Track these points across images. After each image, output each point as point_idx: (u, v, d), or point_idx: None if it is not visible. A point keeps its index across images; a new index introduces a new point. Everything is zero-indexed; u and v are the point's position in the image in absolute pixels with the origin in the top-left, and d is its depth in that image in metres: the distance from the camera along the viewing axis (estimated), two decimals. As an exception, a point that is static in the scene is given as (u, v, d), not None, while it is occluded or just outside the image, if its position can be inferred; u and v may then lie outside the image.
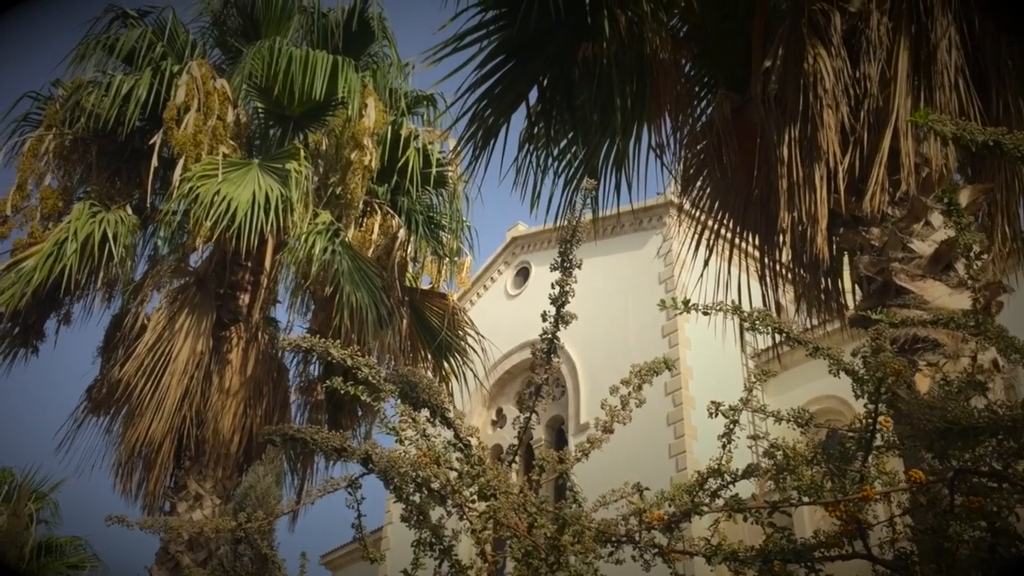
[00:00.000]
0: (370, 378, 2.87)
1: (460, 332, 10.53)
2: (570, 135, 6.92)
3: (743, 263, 6.57)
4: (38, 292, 8.81)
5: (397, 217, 10.07)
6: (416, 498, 2.53)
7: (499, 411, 26.41)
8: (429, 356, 10.59)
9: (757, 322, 2.78)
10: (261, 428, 9.33)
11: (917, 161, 4.35)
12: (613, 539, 2.81)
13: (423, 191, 10.40)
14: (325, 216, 9.39)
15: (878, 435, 2.63)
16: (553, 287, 2.78)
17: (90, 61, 9.74)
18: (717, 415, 2.84)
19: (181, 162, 8.90)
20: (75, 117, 10.09)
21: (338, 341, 3.27)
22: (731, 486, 3.07)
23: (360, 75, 10.10)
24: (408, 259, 10.06)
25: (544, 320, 2.75)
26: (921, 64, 4.53)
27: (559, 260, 2.74)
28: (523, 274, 27.33)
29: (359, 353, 2.95)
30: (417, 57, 5.65)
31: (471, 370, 10.41)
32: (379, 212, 10.04)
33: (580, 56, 6.30)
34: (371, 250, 9.74)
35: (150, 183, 8.95)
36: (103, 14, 10.40)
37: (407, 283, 10.21)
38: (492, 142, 6.12)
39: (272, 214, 8.72)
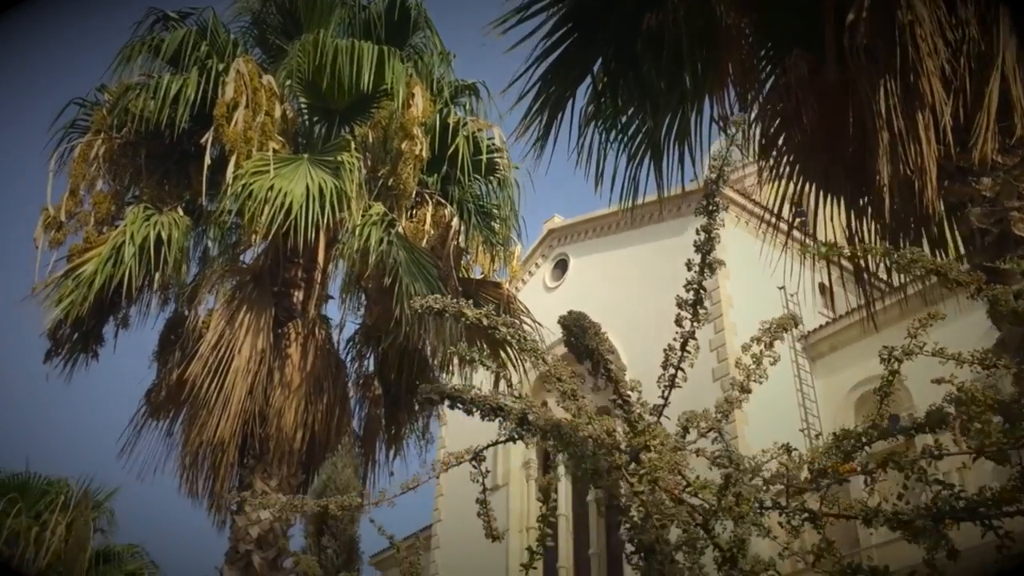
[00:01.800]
0: (508, 337, 2.71)
1: (516, 321, 10.39)
2: (633, 108, 6.78)
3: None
4: (99, 296, 8.79)
5: (449, 206, 9.95)
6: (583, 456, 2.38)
7: (543, 404, 26.18)
8: (485, 346, 10.45)
9: (912, 264, 2.60)
10: (325, 424, 9.27)
11: (1027, 105, 4.15)
12: (761, 505, 2.65)
13: (473, 179, 10.27)
14: (378, 207, 9.29)
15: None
16: (698, 232, 2.63)
17: (136, 63, 9.70)
18: (895, 360, 2.67)
19: (233, 159, 8.84)
20: (123, 121, 10.07)
21: (446, 294, 3.12)
22: (868, 447, 2.90)
23: (405, 65, 9.99)
24: (462, 249, 9.93)
25: (689, 269, 2.60)
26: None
27: (704, 203, 2.59)
28: (561, 266, 27.14)
29: (494, 313, 2.80)
30: (486, 29, 5.46)
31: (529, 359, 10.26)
32: (430, 202, 9.93)
33: (644, 27, 6.14)
34: (424, 240, 9.63)
35: (204, 181, 8.88)
36: (144, 17, 10.39)
37: (460, 273, 10.09)
38: (559, 116, 5.98)
39: (327, 206, 8.64)
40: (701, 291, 2.60)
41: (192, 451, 8.92)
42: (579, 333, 2.50)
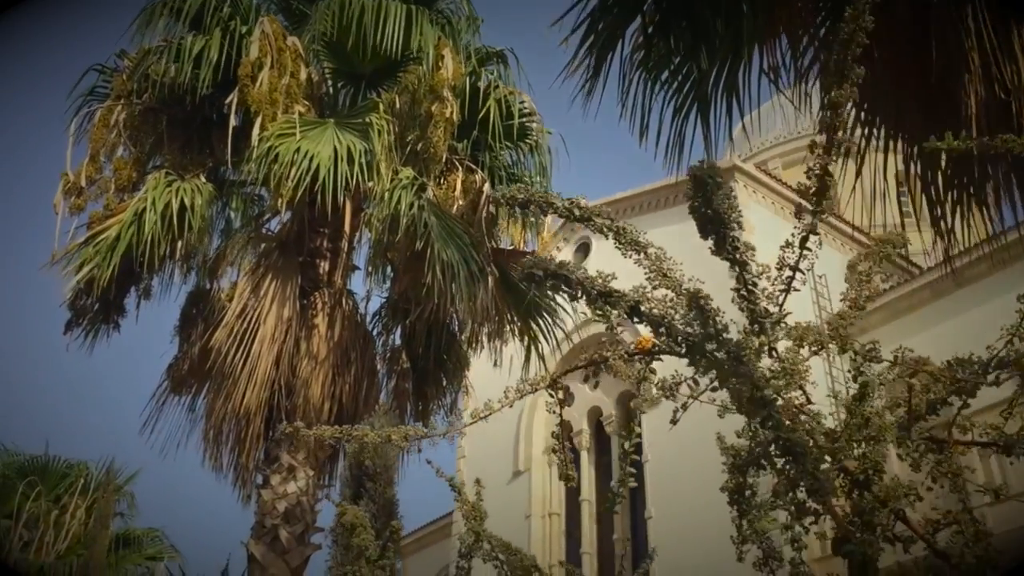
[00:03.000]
0: (605, 229, 2.39)
1: (548, 292, 10.07)
2: (683, 53, 6.44)
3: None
4: (122, 264, 8.51)
5: (480, 172, 9.61)
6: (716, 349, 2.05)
7: (567, 389, 25.90)
8: (515, 318, 10.13)
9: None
10: (353, 396, 8.98)
11: None
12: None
13: (504, 146, 9.92)
14: (408, 172, 8.97)
15: None
16: (823, 108, 2.29)
17: (157, 26, 9.38)
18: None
19: (258, 121, 8.54)
20: (143, 87, 9.80)
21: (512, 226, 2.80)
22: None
23: (434, 28, 9.66)
24: (493, 215, 9.57)
25: (812, 151, 2.26)
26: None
27: (830, 81, 2.24)
28: (583, 250, 26.72)
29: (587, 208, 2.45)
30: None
31: (562, 330, 9.93)
32: (460, 168, 9.59)
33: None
34: (454, 207, 9.31)
35: (228, 141, 8.57)
36: (165, -20, 10.08)
37: (492, 242, 9.77)
38: (609, 56, 5.63)
39: (356, 168, 8.32)
40: (827, 177, 2.25)
41: (217, 423, 8.65)
42: (711, 189, 2.14)
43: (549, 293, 10.15)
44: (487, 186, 9.41)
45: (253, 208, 11.00)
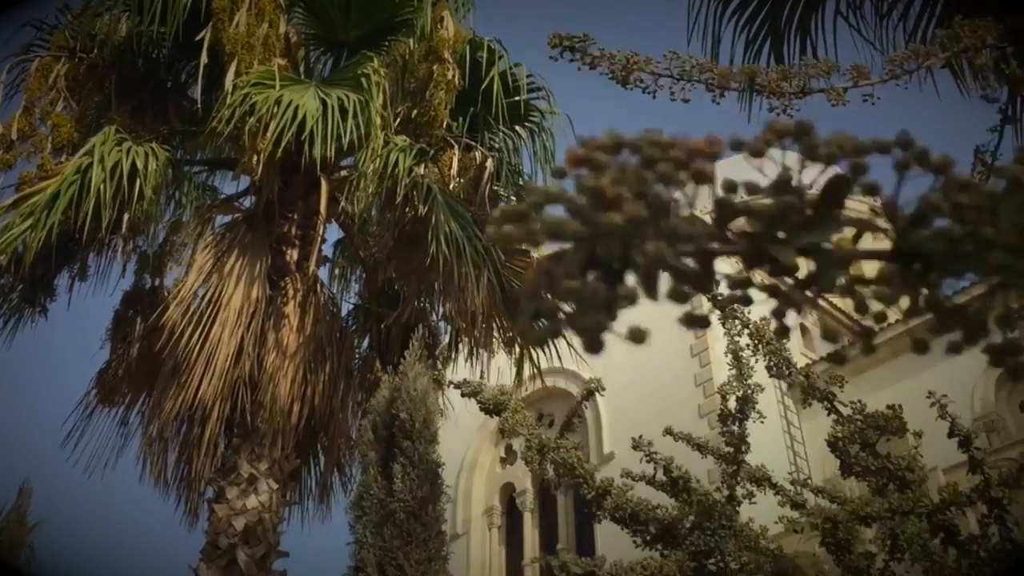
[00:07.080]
0: None
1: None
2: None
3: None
4: (60, 230, 7.03)
5: (480, 148, 8.47)
6: None
7: (508, 448, 24.57)
8: (505, 322, 8.86)
9: None
10: (326, 398, 7.60)
11: None
12: None
13: (505, 126, 8.81)
14: (402, 139, 7.80)
15: None
16: None
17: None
18: None
19: (232, 66, 7.29)
20: (88, 46, 8.51)
21: None
22: None
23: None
24: (497, 193, 8.39)
25: None
26: None
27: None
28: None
29: None
30: None
31: (565, 340, 8.71)
32: (456, 146, 8.43)
33: None
34: (451, 186, 8.14)
35: (201, 74, 7.28)
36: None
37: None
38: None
39: (349, 120, 7.09)
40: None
41: (166, 420, 7.14)
42: None
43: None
44: (489, 162, 8.26)
45: (205, 198, 9.67)
